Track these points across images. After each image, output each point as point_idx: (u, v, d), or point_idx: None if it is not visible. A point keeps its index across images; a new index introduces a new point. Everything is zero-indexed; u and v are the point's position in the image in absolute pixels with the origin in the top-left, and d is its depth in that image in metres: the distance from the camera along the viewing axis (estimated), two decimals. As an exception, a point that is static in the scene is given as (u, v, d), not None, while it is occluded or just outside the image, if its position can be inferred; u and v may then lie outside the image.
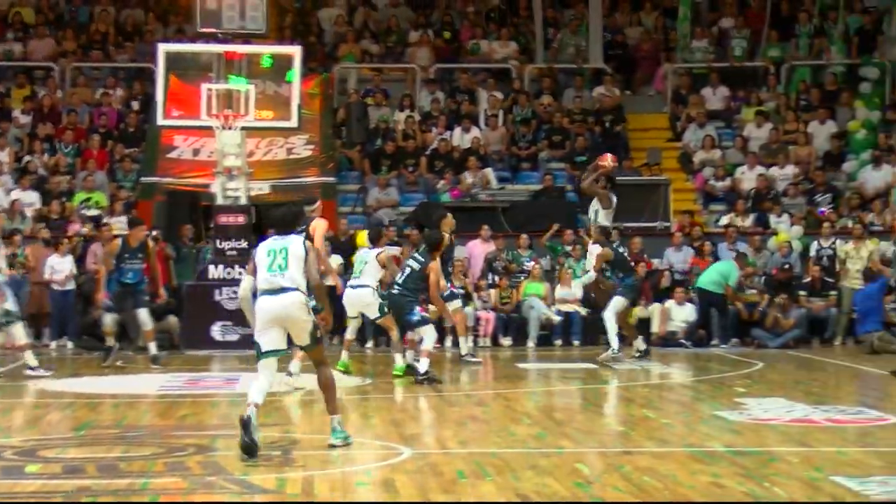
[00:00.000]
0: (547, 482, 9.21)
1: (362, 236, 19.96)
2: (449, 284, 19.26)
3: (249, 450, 10.24)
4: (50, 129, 26.94)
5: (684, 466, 9.96)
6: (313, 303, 11.09)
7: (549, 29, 30.12)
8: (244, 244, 21.66)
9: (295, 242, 11.10)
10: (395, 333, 16.92)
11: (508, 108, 28.39)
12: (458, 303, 19.29)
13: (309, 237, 14.43)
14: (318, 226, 16.17)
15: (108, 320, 19.21)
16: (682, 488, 9.08)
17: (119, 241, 19.19)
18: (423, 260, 16.75)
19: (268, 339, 10.96)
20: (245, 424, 10.29)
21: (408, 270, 16.77)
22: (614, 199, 19.32)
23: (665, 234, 24.51)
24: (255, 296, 11.24)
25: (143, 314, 18.87)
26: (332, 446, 10.91)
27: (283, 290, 10.90)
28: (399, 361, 16.83)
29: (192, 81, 22.86)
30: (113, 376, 17.87)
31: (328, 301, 11.73)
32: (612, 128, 27.95)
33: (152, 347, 18.98)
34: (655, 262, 23.88)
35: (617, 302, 19.07)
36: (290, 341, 11.13)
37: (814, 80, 29.24)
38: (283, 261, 10.95)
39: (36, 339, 22.73)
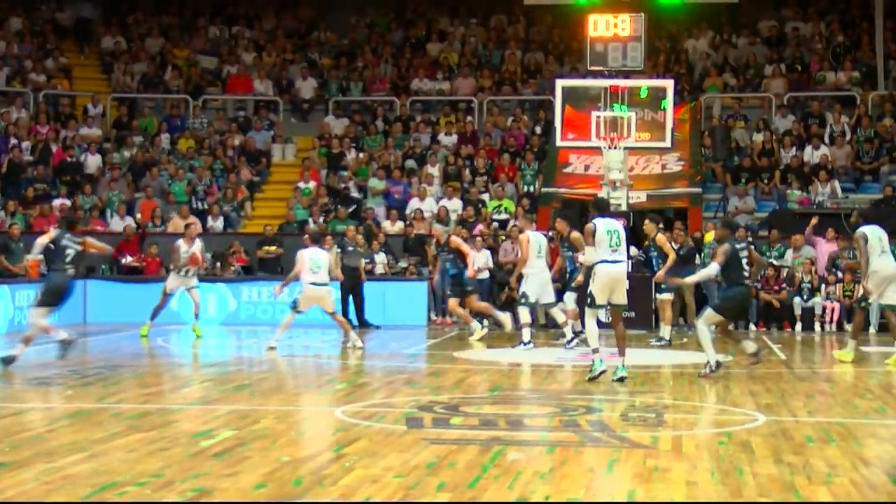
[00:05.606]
0: (887, 449, 8.83)
1: (710, 234, 20.22)
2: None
3: None
4: (470, 150, 27.70)
5: None
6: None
7: (889, 60, 28.76)
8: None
9: (622, 227, 13.27)
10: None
11: (853, 129, 27.29)
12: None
13: None
14: None
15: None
16: None
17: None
18: None
19: (601, 295, 12.89)
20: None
21: None
22: None
23: None
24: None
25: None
26: (621, 379, 12.76)
27: (618, 261, 12.91)
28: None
29: (583, 110, 22.97)
30: (517, 349, 18.17)
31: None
32: (949, 145, 26.46)
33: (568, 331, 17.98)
34: None
35: None
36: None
37: None
38: (617, 239, 12.90)
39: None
